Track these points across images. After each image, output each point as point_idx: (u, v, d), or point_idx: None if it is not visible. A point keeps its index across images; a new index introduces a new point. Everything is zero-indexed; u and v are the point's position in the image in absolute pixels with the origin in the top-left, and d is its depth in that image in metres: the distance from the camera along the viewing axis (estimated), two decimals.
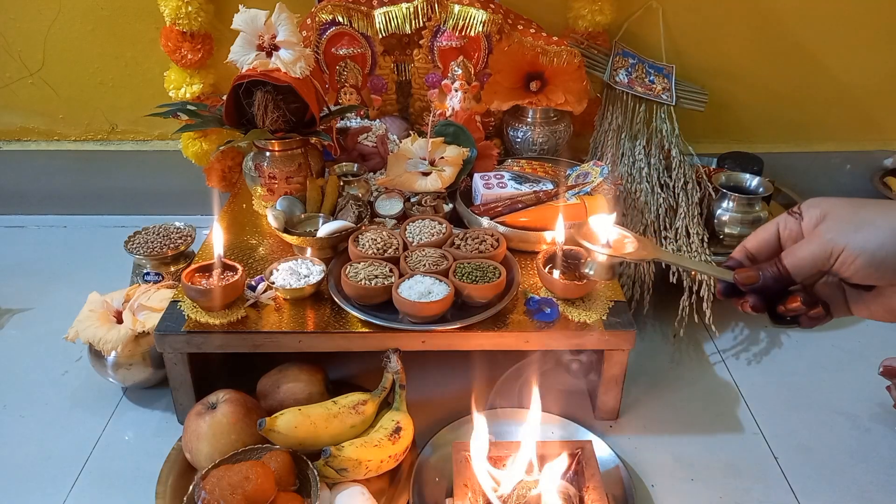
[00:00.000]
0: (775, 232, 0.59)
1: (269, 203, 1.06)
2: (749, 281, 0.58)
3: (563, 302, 0.90)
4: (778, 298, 0.58)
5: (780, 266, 0.57)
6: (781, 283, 0.57)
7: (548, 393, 0.94)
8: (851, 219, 0.55)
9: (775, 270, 0.57)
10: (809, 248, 0.56)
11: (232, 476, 0.73)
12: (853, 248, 0.53)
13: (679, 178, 1.13)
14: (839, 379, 1.02)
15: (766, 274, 0.57)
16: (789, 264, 0.56)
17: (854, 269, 0.54)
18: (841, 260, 0.54)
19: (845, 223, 0.55)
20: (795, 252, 0.56)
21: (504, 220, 1.02)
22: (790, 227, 0.58)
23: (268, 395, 0.89)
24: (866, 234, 0.53)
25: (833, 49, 1.31)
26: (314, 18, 1.17)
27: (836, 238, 0.54)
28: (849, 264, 0.54)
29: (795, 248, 0.57)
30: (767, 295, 0.58)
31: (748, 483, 0.86)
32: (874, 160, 1.40)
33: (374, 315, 0.87)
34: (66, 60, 1.32)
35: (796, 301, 0.58)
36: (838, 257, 0.54)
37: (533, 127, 1.23)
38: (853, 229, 0.54)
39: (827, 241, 0.55)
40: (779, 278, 0.57)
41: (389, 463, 0.81)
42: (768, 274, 0.57)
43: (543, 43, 1.16)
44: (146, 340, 0.93)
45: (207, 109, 1.09)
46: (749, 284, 0.58)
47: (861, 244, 0.53)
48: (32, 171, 1.40)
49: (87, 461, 0.88)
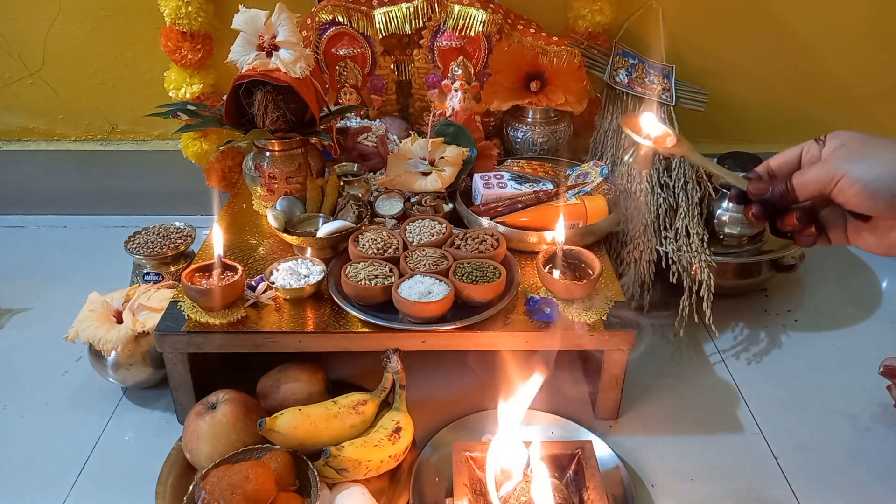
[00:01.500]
0: (798, 154, 0.63)
1: (269, 203, 1.06)
2: (758, 192, 0.62)
3: (563, 302, 0.90)
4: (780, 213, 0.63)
5: (788, 184, 0.61)
6: (786, 198, 0.61)
7: (548, 393, 0.94)
8: (859, 149, 0.58)
9: (783, 187, 0.61)
10: (816, 171, 0.59)
11: (232, 476, 0.73)
12: (851, 176, 0.57)
13: (679, 178, 1.13)
14: (839, 379, 1.02)
15: (775, 188, 0.62)
16: (796, 183, 0.60)
17: (849, 195, 0.58)
18: (839, 186, 0.58)
19: (853, 153, 0.58)
20: (804, 173, 0.60)
21: (504, 220, 1.02)
22: (812, 152, 0.62)
23: (268, 395, 0.89)
24: (865, 164, 0.57)
25: (833, 49, 1.31)
26: (314, 18, 1.18)
27: (840, 165, 0.58)
28: (845, 190, 0.58)
29: (805, 170, 0.61)
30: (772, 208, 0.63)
31: (748, 483, 0.86)
32: None
33: (374, 315, 0.87)
34: (66, 60, 1.32)
35: (793, 218, 0.62)
36: (838, 182, 0.58)
37: (533, 127, 1.23)
38: (856, 159, 0.57)
39: (832, 167, 0.58)
40: (784, 194, 0.61)
41: (389, 463, 0.81)
42: (777, 189, 0.61)
43: (543, 43, 1.16)
44: (146, 340, 0.93)
45: (207, 109, 1.09)
46: (758, 195, 0.63)
47: (858, 173, 0.57)
48: (32, 171, 1.40)
49: (87, 461, 0.89)
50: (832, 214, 0.63)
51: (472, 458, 0.80)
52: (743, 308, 1.15)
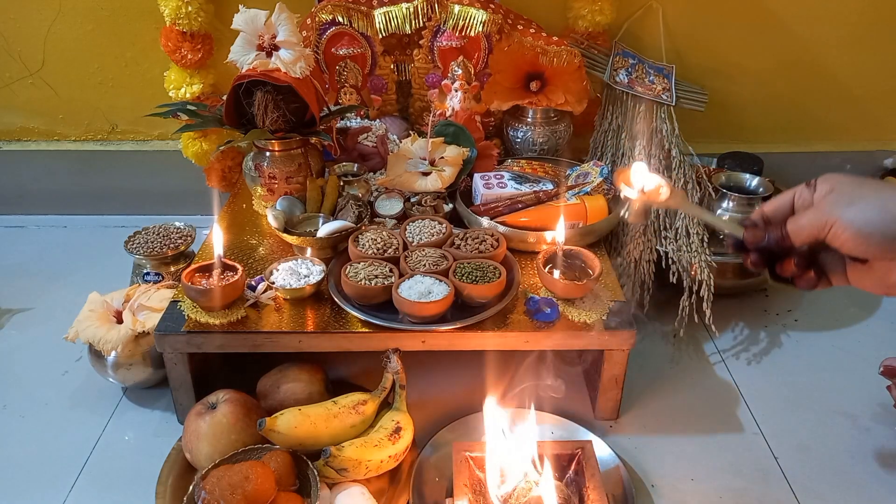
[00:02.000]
0: (791, 199, 0.64)
1: (269, 203, 1.06)
2: (754, 239, 0.63)
3: (563, 302, 0.90)
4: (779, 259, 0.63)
5: (783, 230, 0.61)
6: (782, 245, 0.62)
7: (548, 393, 0.94)
8: (850, 194, 0.59)
9: (778, 234, 0.62)
10: (809, 217, 0.60)
11: (232, 476, 0.73)
12: (844, 221, 0.58)
13: (679, 178, 1.13)
14: (839, 379, 1.02)
15: (771, 235, 0.62)
16: (790, 229, 0.61)
17: (843, 239, 0.58)
18: (833, 231, 0.58)
19: (844, 197, 0.59)
20: (798, 219, 0.61)
21: (504, 220, 1.02)
22: (804, 197, 0.63)
23: (268, 395, 0.89)
24: (857, 208, 0.58)
25: (833, 49, 1.31)
26: (314, 18, 1.18)
27: (832, 210, 0.59)
28: (839, 235, 0.58)
29: (799, 216, 0.61)
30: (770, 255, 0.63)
31: (748, 483, 0.86)
32: (874, 160, 1.40)
33: (374, 315, 0.87)
34: (66, 60, 1.32)
35: (791, 263, 0.62)
36: (831, 228, 0.58)
37: (533, 127, 1.23)
38: (848, 203, 0.58)
39: (824, 213, 0.59)
40: (780, 241, 0.61)
41: (389, 463, 0.81)
42: (772, 236, 0.62)
43: (543, 43, 1.16)
44: (146, 340, 0.93)
45: (207, 109, 1.09)
46: (754, 243, 0.63)
47: (851, 217, 0.57)
48: (32, 171, 1.40)
49: (87, 461, 0.89)
50: (832, 257, 0.63)
51: (472, 458, 0.80)
52: (743, 308, 1.16)
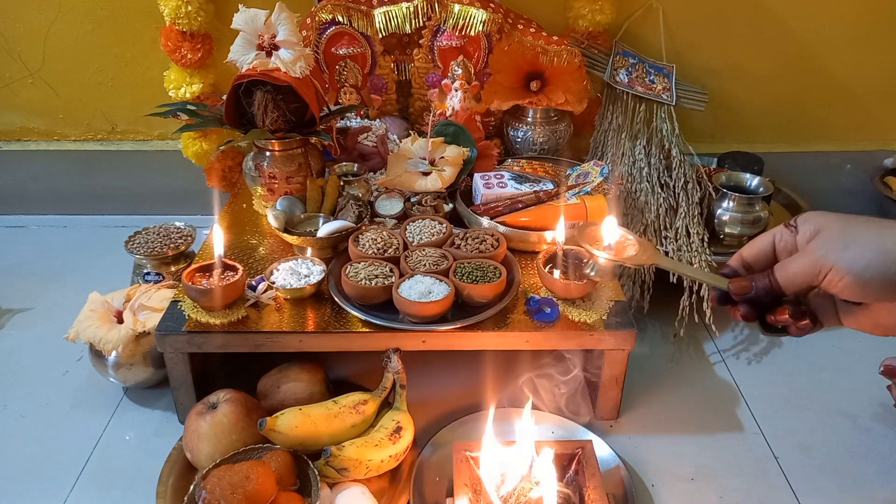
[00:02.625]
0: (771, 242, 0.60)
1: (269, 203, 1.06)
2: (742, 291, 0.59)
3: (563, 302, 0.90)
4: (768, 308, 0.60)
5: (771, 279, 0.58)
6: (772, 294, 0.58)
7: (548, 393, 0.94)
8: (841, 236, 0.55)
9: (767, 283, 0.58)
10: (800, 264, 0.57)
11: (232, 476, 0.73)
12: (840, 267, 0.54)
13: (679, 178, 1.13)
14: (839, 379, 1.02)
15: (759, 285, 0.59)
16: (780, 278, 0.57)
17: (840, 287, 0.55)
18: (829, 278, 0.55)
19: (835, 240, 0.55)
20: (787, 266, 0.58)
21: (504, 220, 1.02)
22: (785, 240, 0.60)
23: (268, 395, 0.89)
24: (853, 252, 0.54)
25: (833, 49, 1.31)
26: (314, 18, 1.18)
27: (826, 255, 0.55)
28: (836, 282, 0.55)
29: (787, 263, 0.58)
30: (759, 305, 0.60)
31: (748, 483, 0.86)
32: (874, 160, 1.40)
33: (374, 315, 0.87)
34: (66, 60, 1.32)
35: (784, 313, 0.59)
36: (826, 274, 0.55)
37: (533, 127, 1.23)
38: (842, 247, 0.55)
39: (817, 258, 0.55)
40: (770, 290, 0.58)
41: (390, 463, 0.81)
42: (760, 285, 0.58)
43: (543, 43, 1.16)
44: (147, 340, 0.93)
45: (207, 109, 1.09)
46: (742, 294, 0.59)
47: (848, 263, 0.54)
48: (32, 171, 1.40)
49: (87, 461, 0.89)
50: (821, 299, 0.61)
51: (472, 457, 0.80)
52: None
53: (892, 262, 0.53)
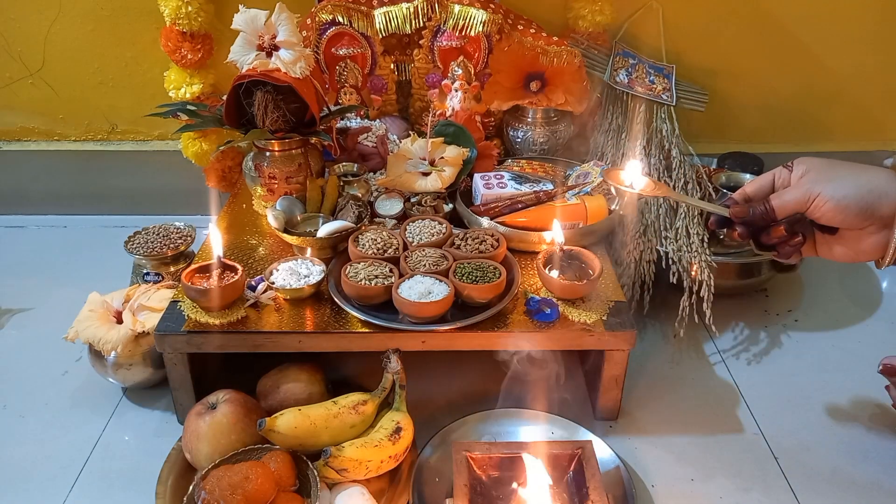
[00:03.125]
0: (772, 179, 0.74)
1: (269, 203, 1.06)
2: (740, 214, 0.72)
3: (563, 302, 0.90)
4: (762, 231, 0.73)
5: (767, 205, 0.71)
6: (766, 218, 0.71)
7: (548, 393, 0.94)
8: (827, 173, 0.70)
9: (762, 209, 0.71)
10: (793, 193, 0.70)
11: (232, 476, 0.73)
12: (824, 195, 0.68)
13: (679, 178, 1.13)
14: (839, 379, 1.02)
15: (756, 209, 0.71)
16: (775, 204, 0.71)
17: (823, 210, 0.68)
18: (815, 204, 0.69)
19: (822, 176, 0.69)
20: (782, 195, 0.71)
21: (504, 220, 1.02)
22: (783, 177, 0.73)
23: (268, 395, 0.89)
24: (835, 184, 0.68)
25: (833, 49, 1.31)
26: (314, 18, 1.17)
27: (814, 187, 0.69)
28: (820, 207, 0.68)
29: (782, 192, 0.71)
30: (754, 228, 0.73)
31: (748, 483, 0.86)
32: (874, 160, 1.40)
33: (374, 315, 0.87)
34: (66, 60, 1.32)
35: (780, 230, 0.71)
36: (814, 201, 0.69)
37: (533, 127, 1.23)
38: (826, 180, 0.69)
39: (806, 189, 0.69)
40: (764, 215, 0.71)
41: (389, 463, 0.81)
42: (757, 210, 0.71)
43: (543, 43, 1.16)
44: (146, 340, 0.93)
45: (207, 109, 1.09)
46: (740, 217, 0.72)
47: (830, 192, 0.68)
48: (32, 171, 1.40)
49: (87, 461, 0.89)
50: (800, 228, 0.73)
51: (472, 457, 0.80)
52: (743, 308, 1.15)
53: (866, 192, 0.67)
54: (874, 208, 0.67)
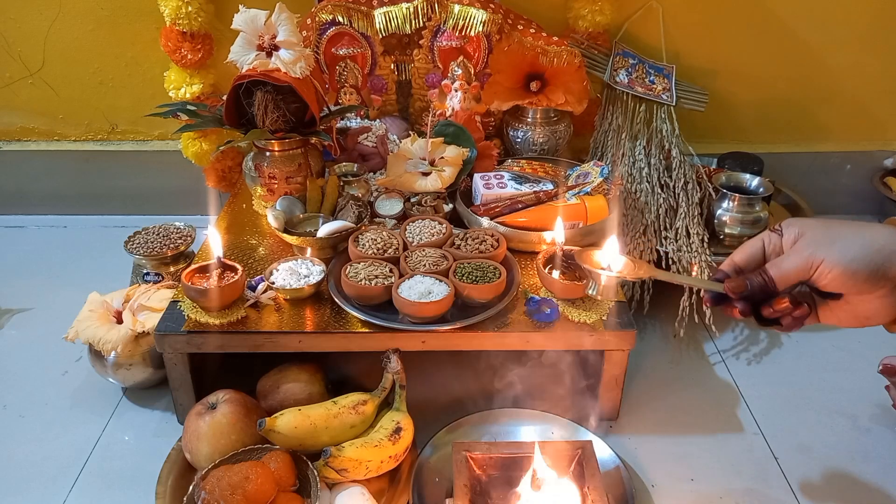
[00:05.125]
0: (761, 247, 0.67)
1: (269, 203, 1.06)
2: (738, 289, 0.65)
3: (563, 302, 0.90)
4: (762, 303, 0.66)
5: (765, 276, 0.64)
6: (766, 291, 0.64)
7: (548, 393, 0.94)
8: (826, 234, 0.63)
9: (761, 280, 0.64)
10: (793, 261, 0.63)
11: (232, 476, 0.73)
12: (830, 261, 0.61)
13: (679, 178, 1.13)
14: (839, 379, 1.02)
15: (754, 282, 0.65)
16: (775, 275, 0.64)
17: (830, 278, 0.62)
18: (819, 271, 0.62)
19: (822, 239, 0.63)
20: (780, 264, 0.64)
21: (504, 220, 1.02)
22: (773, 243, 0.66)
23: (268, 395, 0.89)
24: (840, 247, 0.61)
25: (833, 49, 1.31)
26: (314, 18, 1.17)
27: (816, 252, 0.62)
28: (826, 274, 0.62)
29: (780, 261, 0.64)
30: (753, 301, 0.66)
31: (748, 483, 0.86)
32: (874, 160, 1.40)
33: (374, 315, 0.87)
34: (66, 60, 1.32)
35: (784, 302, 0.65)
36: (818, 268, 0.62)
37: (533, 127, 1.23)
38: (828, 244, 0.62)
39: (808, 255, 0.62)
40: (764, 287, 0.64)
41: (389, 463, 0.81)
42: (755, 283, 0.65)
43: (543, 43, 1.16)
44: (146, 340, 0.93)
45: (207, 109, 1.09)
46: (738, 292, 0.65)
47: (836, 258, 0.61)
48: (32, 171, 1.40)
49: (87, 461, 0.89)
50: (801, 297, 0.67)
51: (472, 457, 0.80)
52: None
53: (874, 252, 0.61)
54: (884, 269, 0.60)
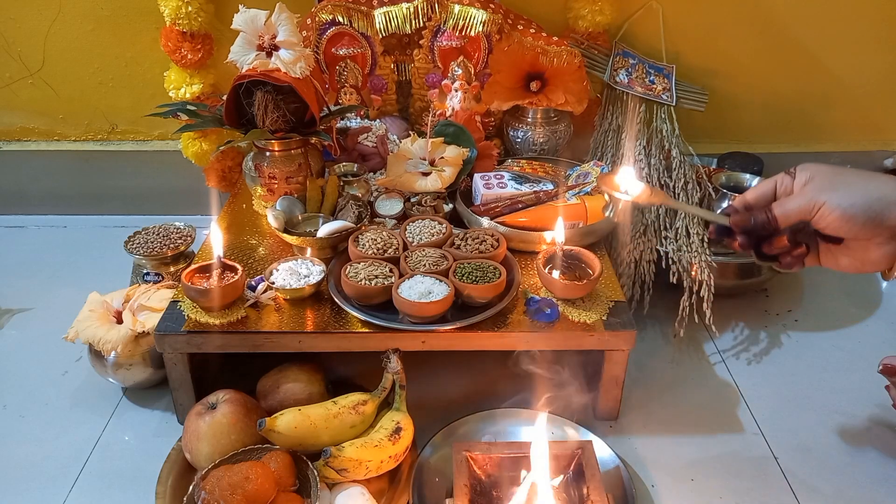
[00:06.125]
0: (773, 187, 0.70)
1: (269, 203, 1.06)
2: (741, 223, 0.68)
3: (563, 302, 0.90)
4: (763, 240, 0.69)
5: (769, 214, 0.67)
6: (768, 228, 0.67)
7: (548, 393, 0.94)
8: (832, 180, 0.66)
9: (764, 217, 0.67)
10: (797, 202, 0.66)
11: (232, 476, 0.73)
12: (830, 204, 0.64)
13: (679, 179, 1.13)
14: (839, 379, 1.02)
15: (757, 218, 0.68)
16: (778, 213, 0.67)
17: (829, 220, 0.65)
18: (820, 213, 0.65)
19: (827, 184, 0.66)
20: (784, 204, 0.67)
21: (504, 220, 1.02)
22: (786, 184, 0.69)
23: (268, 395, 0.89)
24: (841, 193, 0.65)
25: (833, 49, 1.31)
26: (314, 18, 1.17)
27: (819, 195, 0.65)
28: (825, 216, 0.65)
29: (785, 201, 0.67)
30: (755, 237, 0.69)
31: (748, 483, 0.86)
32: (874, 160, 1.40)
33: (374, 315, 0.87)
34: (66, 60, 1.32)
35: (783, 241, 0.68)
36: (819, 210, 0.65)
37: (533, 127, 1.23)
38: (832, 188, 0.65)
39: (811, 197, 0.65)
40: (766, 224, 0.67)
41: (389, 463, 0.81)
42: (759, 219, 0.68)
43: (543, 43, 1.16)
44: (146, 340, 0.93)
45: (207, 109, 1.08)
46: (741, 226, 0.68)
47: (837, 201, 0.64)
48: (32, 171, 1.40)
49: (87, 461, 0.89)
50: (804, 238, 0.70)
51: (472, 457, 0.80)
52: (743, 308, 1.15)
53: (874, 200, 0.64)
54: (882, 218, 0.64)
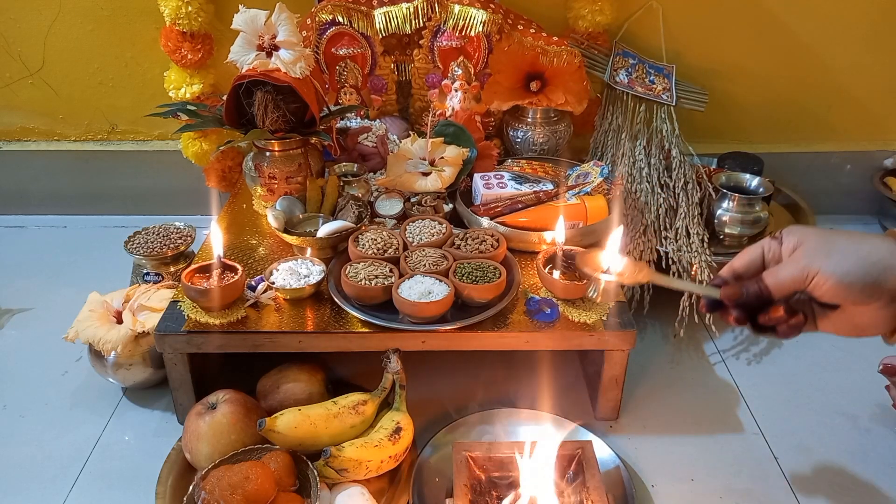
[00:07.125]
0: (761, 254, 0.66)
1: (269, 203, 1.06)
2: (734, 297, 0.65)
3: (563, 302, 0.90)
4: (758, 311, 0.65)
5: (761, 285, 0.64)
6: (761, 299, 0.64)
7: (548, 393, 0.94)
8: (823, 245, 0.63)
9: (757, 288, 0.64)
10: (789, 270, 0.63)
11: (232, 476, 0.73)
12: (825, 272, 0.61)
13: (679, 178, 1.13)
14: (839, 379, 1.02)
15: (749, 290, 0.64)
16: (771, 283, 0.63)
17: (825, 289, 0.61)
18: (815, 282, 0.62)
19: (819, 249, 0.62)
20: (776, 273, 0.64)
21: (504, 220, 1.02)
22: (773, 250, 0.66)
23: (268, 395, 0.89)
24: (836, 259, 0.61)
25: (833, 49, 1.31)
26: (314, 18, 1.17)
27: (811, 263, 0.62)
28: (821, 285, 0.61)
29: (776, 270, 0.64)
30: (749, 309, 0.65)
31: (748, 483, 0.86)
32: (874, 160, 1.40)
33: (374, 315, 0.87)
34: (66, 60, 1.32)
35: (779, 311, 0.64)
36: (813, 279, 0.62)
37: (533, 127, 1.23)
38: (825, 255, 0.62)
39: (804, 265, 0.62)
40: (759, 295, 0.64)
41: (389, 463, 0.81)
42: (751, 291, 0.64)
43: (543, 43, 1.16)
44: (146, 340, 0.93)
45: (207, 109, 1.09)
46: (734, 299, 0.65)
47: (831, 269, 0.61)
48: (32, 171, 1.40)
49: (87, 461, 0.89)
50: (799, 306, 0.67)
51: (472, 457, 0.80)
52: None
53: (870, 265, 0.60)
54: (880, 283, 0.60)
